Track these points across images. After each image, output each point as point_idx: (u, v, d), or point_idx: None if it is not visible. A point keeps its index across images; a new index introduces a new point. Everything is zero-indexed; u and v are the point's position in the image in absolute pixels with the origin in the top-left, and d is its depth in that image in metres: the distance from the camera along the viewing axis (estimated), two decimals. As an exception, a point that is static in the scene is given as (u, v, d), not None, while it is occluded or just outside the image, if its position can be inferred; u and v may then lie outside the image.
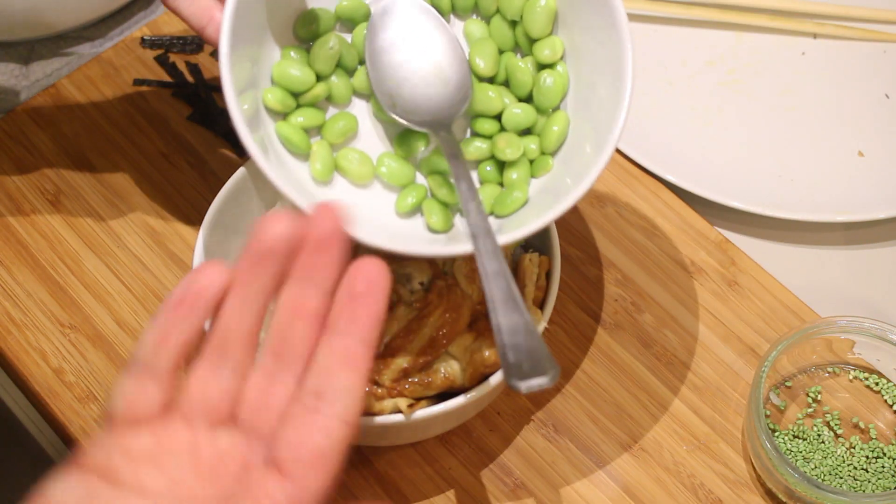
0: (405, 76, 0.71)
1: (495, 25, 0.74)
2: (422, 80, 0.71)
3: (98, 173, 0.93)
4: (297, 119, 0.71)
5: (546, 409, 0.84)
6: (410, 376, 0.74)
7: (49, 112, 0.96)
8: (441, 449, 0.82)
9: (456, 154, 0.68)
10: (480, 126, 0.73)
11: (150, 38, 1.00)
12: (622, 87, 0.69)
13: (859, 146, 0.97)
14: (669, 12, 1.04)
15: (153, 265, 0.88)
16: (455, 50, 0.72)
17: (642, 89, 1.00)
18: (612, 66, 0.70)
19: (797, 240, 0.93)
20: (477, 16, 0.75)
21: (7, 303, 0.87)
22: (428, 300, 0.75)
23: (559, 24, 0.73)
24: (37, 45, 1.01)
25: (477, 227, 0.65)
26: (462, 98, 0.71)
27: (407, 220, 0.72)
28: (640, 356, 0.86)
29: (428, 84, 0.71)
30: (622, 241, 0.91)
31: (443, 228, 0.70)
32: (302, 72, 0.71)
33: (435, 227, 0.70)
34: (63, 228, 0.91)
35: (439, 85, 0.71)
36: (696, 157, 0.96)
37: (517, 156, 0.71)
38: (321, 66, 0.72)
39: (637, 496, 0.80)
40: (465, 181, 0.66)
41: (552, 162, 0.73)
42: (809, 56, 1.02)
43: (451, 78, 0.71)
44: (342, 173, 0.72)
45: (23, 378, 0.84)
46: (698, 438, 0.83)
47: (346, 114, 0.73)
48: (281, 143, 0.71)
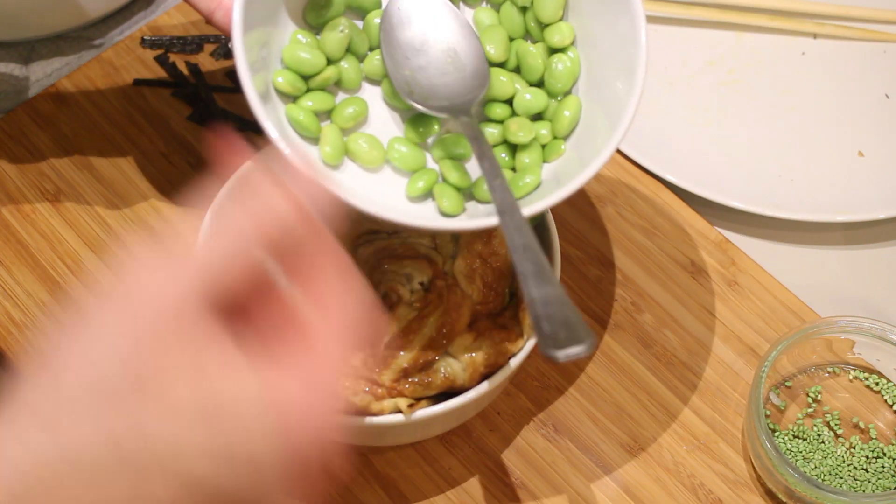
0: (421, 64, 0.71)
1: (505, 12, 0.74)
2: (439, 66, 0.71)
3: (98, 173, 0.93)
4: (307, 102, 0.71)
5: (546, 409, 0.84)
6: (410, 376, 0.74)
7: (49, 112, 0.96)
8: (441, 449, 0.82)
9: (477, 136, 0.68)
10: (492, 111, 0.73)
11: (150, 38, 1.00)
12: (635, 72, 0.69)
13: (859, 146, 0.97)
14: (669, 12, 1.04)
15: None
16: (469, 37, 0.72)
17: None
18: (624, 51, 0.70)
19: (797, 240, 0.93)
20: (487, 4, 0.75)
21: (7, 303, 0.87)
22: (428, 300, 0.75)
23: (570, 10, 0.73)
24: (37, 45, 1.01)
25: (504, 202, 0.65)
26: (480, 84, 0.71)
27: (419, 205, 0.72)
28: (640, 356, 0.86)
29: (444, 72, 0.71)
30: (622, 241, 0.91)
31: (455, 212, 0.70)
32: (312, 55, 0.71)
33: (447, 210, 0.70)
34: (63, 228, 0.91)
35: (455, 72, 0.71)
36: (696, 157, 0.96)
37: (529, 138, 0.71)
38: (331, 49, 0.72)
39: (637, 496, 0.80)
40: (488, 160, 0.67)
41: (564, 146, 0.73)
42: (809, 56, 1.02)
43: (468, 64, 0.72)
44: (352, 157, 0.72)
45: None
46: (698, 438, 0.83)
47: (357, 98, 0.73)
48: (291, 126, 0.71)
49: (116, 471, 0.46)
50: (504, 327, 0.76)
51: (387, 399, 0.73)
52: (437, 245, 0.79)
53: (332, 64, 0.72)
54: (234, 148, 0.54)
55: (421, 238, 0.79)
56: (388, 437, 0.79)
